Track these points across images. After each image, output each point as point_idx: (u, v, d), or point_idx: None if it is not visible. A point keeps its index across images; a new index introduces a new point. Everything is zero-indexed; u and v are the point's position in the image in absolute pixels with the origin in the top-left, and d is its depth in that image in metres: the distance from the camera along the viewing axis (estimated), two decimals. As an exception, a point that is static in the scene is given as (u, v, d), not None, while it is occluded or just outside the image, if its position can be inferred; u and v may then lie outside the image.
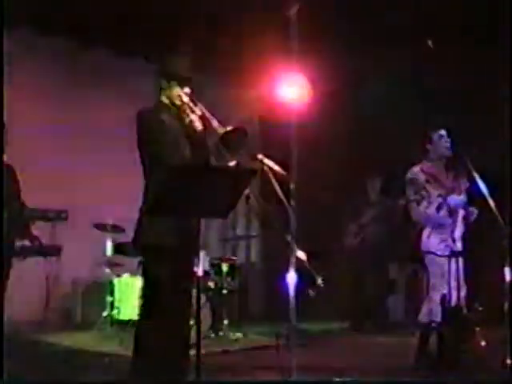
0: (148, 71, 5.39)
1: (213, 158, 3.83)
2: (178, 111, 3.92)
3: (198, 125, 3.84)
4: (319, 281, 3.84)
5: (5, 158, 5.29)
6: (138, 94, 4.60)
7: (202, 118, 3.83)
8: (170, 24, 7.20)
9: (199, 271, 3.73)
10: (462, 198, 5.10)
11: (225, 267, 6.82)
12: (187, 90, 3.93)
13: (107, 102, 7.99)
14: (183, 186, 3.31)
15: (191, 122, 3.85)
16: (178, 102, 3.92)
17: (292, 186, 4.33)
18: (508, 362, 4.53)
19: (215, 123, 3.74)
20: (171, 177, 3.33)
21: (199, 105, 3.87)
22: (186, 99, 3.89)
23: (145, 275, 3.86)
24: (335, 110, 8.12)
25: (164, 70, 3.98)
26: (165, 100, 3.97)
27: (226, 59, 8.14)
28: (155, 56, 5.78)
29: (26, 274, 5.94)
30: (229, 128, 3.67)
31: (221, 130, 3.68)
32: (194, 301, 3.85)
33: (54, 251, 5.63)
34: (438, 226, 5.07)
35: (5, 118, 5.13)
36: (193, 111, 3.85)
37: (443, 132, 5.21)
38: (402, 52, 7.55)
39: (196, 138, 3.84)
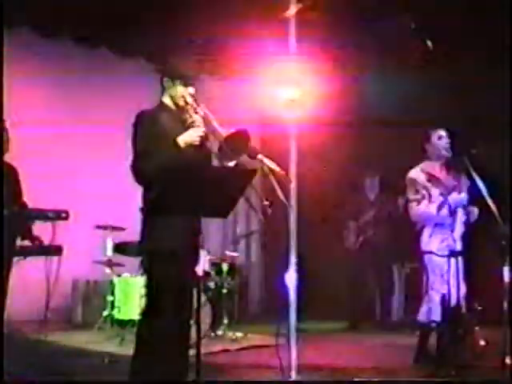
0: (149, 71, 5.39)
1: (215, 159, 3.83)
2: (180, 112, 3.92)
3: (201, 126, 3.84)
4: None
5: (5, 157, 5.31)
6: (138, 94, 4.61)
7: (205, 119, 3.83)
8: (170, 24, 7.20)
9: (199, 271, 3.74)
10: (463, 196, 5.10)
11: (225, 267, 6.83)
12: (191, 90, 3.92)
13: (108, 102, 7.99)
14: (184, 187, 3.32)
15: (194, 122, 3.85)
16: (181, 103, 3.91)
17: (292, 186, 4.34)
18: (507, 361, 4.54)
19: (218, 125, 3.75)
20: (172, 177, 3.34)
21: (202, 106, 3.87)
22: (189, 100, 3.88)
23: (147, 275, 3.88)
24: (334, 110, 8.12)
25: (168, 69, 3.97)
26: (167, 101, 3.97)
27: (225, 59, 8.15)
28: (158, 55, 5.78)
29: (27, 273, 5.95)
30: (232, 130, 3.67)
31: (224, 132, 3.68)
32: (194, 301, 3.86)
33: (54, 251, 5.62)
34: (439, 226, 5.08)
35: (5, 118, 5.15)
36: (196, 112, 3.85)
37: (442, 132, 5.20)
38: (402, 52, 7.56)
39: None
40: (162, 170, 3.55)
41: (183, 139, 3.73)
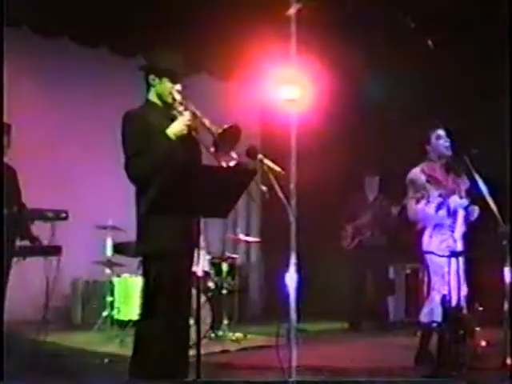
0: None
1: (205, 151, 3.82)
2: (168, 109, 3.90)
3: (191, 123, 3.83)
4: None
5: (5, 158, 5.30)
6: (139, 94, 4.61)
7: (194, 116, 3.81)
8: (169, 23, 7.20)
9: (199, 271, 3.73)
10: (464, 200, 5.09)
11: (225, 267, 6.82)
12: (179, 87, 3.90)
13: (108, 101, 7.98)
14: (184, 187, 3.31)
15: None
16: (168, 100, 3.89)
17: (292, 186, 4.33)
18: (508, 362, 4.53)
19: (207, 121, 3.73)
20: (171, 177, 3.33)
21: (190, 102, 3.85)
22: (177, 96, 3.86)
23: (145, 275, 3.86)
24: (335, 110, 8.11)
25: (155, 65, 3.94)
26: (153, 98, 3.94)
27: (225, 59, 8.14)
28: (145, 52, 5.74)
29: (26, 274, 5.94)
30: (224, 126, 3.66)
31: (214, 129, 3.67)
32: (193, 301, 3.85)
33: (54, 251, 5.62)
34: (439, 226, 5.07)
35: (5, 118, 5.13)
36: (186, 109, 3.83)
37: (441, 132, 5.19)
38: (402, 52, 7.56)
39: (188, 137, 3.82)
40: (157, 169, 3.55)
41: (172, 130, 3.73)
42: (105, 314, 6.60)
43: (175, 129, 3.75)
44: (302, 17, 4.57)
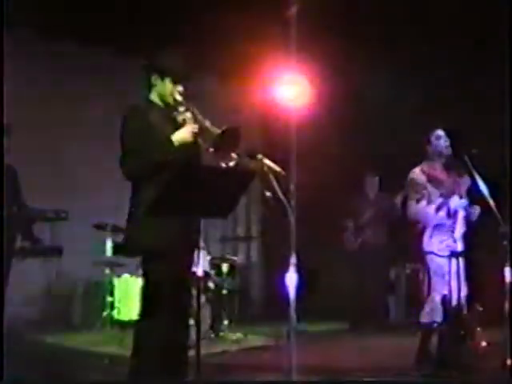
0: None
1: (206, 156, 3.82)
2: (169, 110, 3.89)
3: (192, 123, 3.82)
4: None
5: (5, 158, 5.31)
6: (138, 94, 4.61)
7: (194, 117, 3.80)
8: (168, 22, 7.20)
9: (199, 271, 3.72)
10: (464, 201, 5.08)
11: (225, 267, 6.82)
12: (180, 88, 3.89)
13: (108, 101, 7.98)
14: (184, 187, 3.30)
15: (184, 121, 3.83)
16: (170, 100, 3.88)
17: (292, 186, 4.33)
18: (508, 362, 4.53)
19: (207, 122, 3.73)
20: (171, 178, 3.33)
21: (191, 104, 3.85)
22: (179, 97, 3.85)
23: (145, 276, 3.86)
24: (334, 110, 8.12)
25: (157, 65, 3.94)
26: (154, 98, 3.93)
27: (225, 59, 8.14)
28: (147, 52, 5.75)
29: (26, 274, 5.94)
30: (223, 128, 3.66)
31: (214, 130, 3.67)
32: (193, 301, 3.85)
33: (54, 251, 5.63)
34: (439, 227, 5.06)
35: (5, 118, 5.14)
36: (187, 109, 3.82)
37: (440, 132, 5.18)
38: (402, 51, 7.56)
39: None
40: (154, 169, 3.55)
41: (177, 137, 3.72)
42: (105, 314, 6.60)
43: (180, 136, 3.73)
44: (302, 18, 4.58)
